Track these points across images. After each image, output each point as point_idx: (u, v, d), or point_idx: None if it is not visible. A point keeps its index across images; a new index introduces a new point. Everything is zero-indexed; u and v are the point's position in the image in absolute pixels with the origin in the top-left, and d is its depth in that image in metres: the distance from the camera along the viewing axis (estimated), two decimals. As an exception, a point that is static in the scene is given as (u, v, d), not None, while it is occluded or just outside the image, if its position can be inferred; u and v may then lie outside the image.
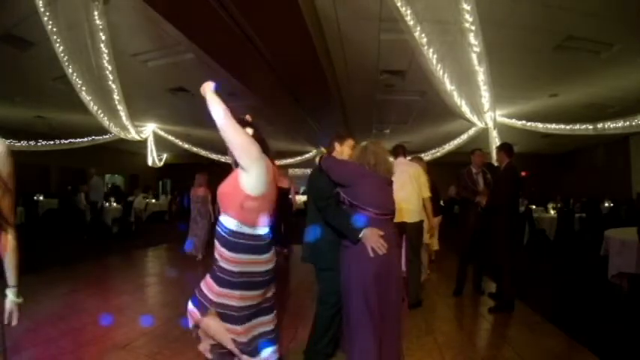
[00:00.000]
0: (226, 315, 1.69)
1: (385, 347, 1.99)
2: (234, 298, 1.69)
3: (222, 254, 1.71)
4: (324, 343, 2.31)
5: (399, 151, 3.86)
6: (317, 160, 2.39)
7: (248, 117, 1.89)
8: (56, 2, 4.53)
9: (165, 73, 6.79)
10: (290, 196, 7.07)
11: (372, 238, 1.97)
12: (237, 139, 1.64)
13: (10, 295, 1.35)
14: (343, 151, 2.47)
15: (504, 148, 3.84)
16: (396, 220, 2.43)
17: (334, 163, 2.25)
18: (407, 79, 6.96)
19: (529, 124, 8.51)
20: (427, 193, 3.75)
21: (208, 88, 1.66)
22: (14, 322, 1.35)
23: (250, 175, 1.66)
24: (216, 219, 1.86)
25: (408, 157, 4.12)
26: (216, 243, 1.74)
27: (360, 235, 1.98)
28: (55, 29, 4.78)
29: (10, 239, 1.34)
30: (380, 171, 2.14)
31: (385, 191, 2.15)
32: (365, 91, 7.82)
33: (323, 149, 2.56)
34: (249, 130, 1.77)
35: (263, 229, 1.75)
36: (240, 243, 1.69)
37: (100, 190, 8.57)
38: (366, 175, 2.11)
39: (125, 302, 3.83)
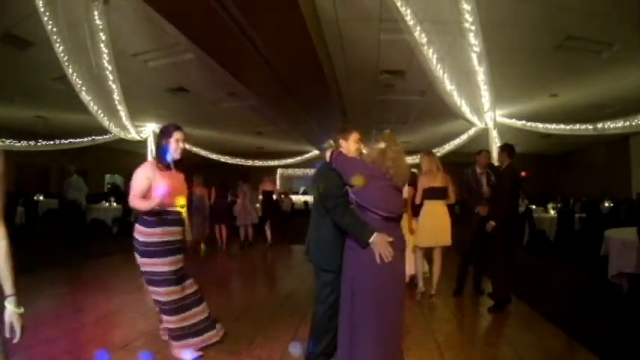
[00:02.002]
0: None
1: (387, 349, 1.98)
2: None
3: None
4: (324, 344, 2.26)
5: None
6: (327, 155, 2.22)
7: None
8: (56, 2, 4.52)
9: (165, 73, 6.79)
10: (274, 197, 8.23)
11: (382, 245, 1.93)
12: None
13: (10, 306, 1.18)
14: (349, 147, 2.29)
15: (507, 148, 3.85)
16: None
17: (346, 162, 2.13)
18: (407, 79, 6.95)
19: (529, 124, 8.49)
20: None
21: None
22: (17, 336, 1.19)
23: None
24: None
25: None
26: None
27: (370, 240, 1.94)
28: (55, 29, 4.77)
29: (2, 246, 1.18)
30: (397, 180, 2.07)
31: (394, 195, 2.10)
32: (365, 91, 7.82)
33: (332, 142, 2.36)
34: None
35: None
36: None
37: (82, 188, 8.03)
38: (378, 179, 2.04)
39: (125, 302, 3.83)
